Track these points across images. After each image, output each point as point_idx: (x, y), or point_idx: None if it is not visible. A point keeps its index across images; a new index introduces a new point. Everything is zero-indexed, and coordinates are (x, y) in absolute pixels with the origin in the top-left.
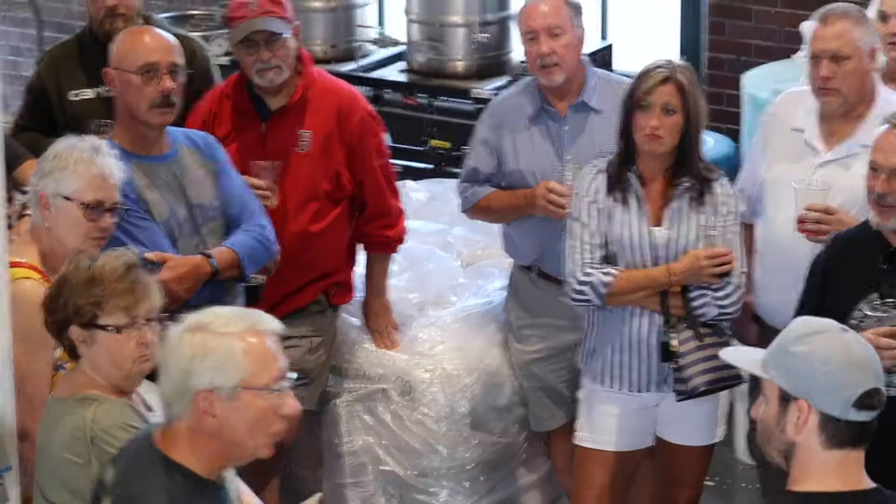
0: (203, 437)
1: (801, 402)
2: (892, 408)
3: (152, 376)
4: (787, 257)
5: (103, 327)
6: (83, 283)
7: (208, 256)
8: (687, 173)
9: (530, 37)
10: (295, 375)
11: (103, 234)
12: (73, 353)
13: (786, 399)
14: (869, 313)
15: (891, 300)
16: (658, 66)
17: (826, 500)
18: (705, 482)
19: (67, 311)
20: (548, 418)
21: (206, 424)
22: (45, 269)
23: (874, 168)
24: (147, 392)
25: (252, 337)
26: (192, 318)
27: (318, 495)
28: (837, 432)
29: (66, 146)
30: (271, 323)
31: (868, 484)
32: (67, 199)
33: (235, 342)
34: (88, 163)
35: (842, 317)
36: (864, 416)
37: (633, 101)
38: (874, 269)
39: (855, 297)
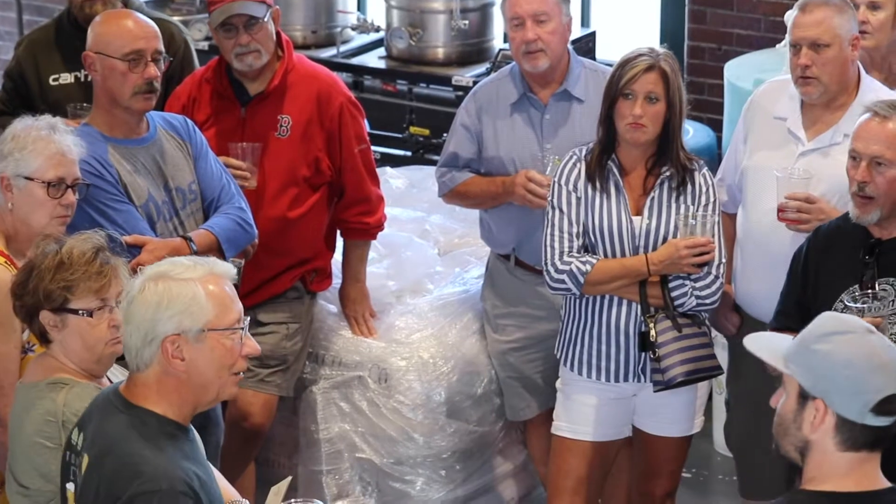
0: (171, 382)
1: (818, 401)
2: None
3: (122, 360)
4: (767, 246)
5: (74, 311)
6: (52, 267)
7: (188, 239)
8: (668, 162)
9: (516, 23)
10: (248, 318)
11: (67, 211)
12: (43, 338)
13: (804, 396)
14: (850, 305)
15: (872, 291)
16: (641, 55)
17: (838, 500)
18: (683, 473)
19: (38, 296)
20: (523, 408)
21: (175, 369)
22: (10, 253)
23: (854, 157)
24: (118, 376)
25: (212, 281)
26: (150, 268)
27: (287, 479)
28: (853, 435)
29: (23, 127)
30: (227, 268)
31: (883, 484)
32: (29, 178)
33: (198, 287)
34: (46, 141)
35: (824, 308)
36: (882, 421)
37: (617, 90)
38: (856, 261)
39: (837, 288)
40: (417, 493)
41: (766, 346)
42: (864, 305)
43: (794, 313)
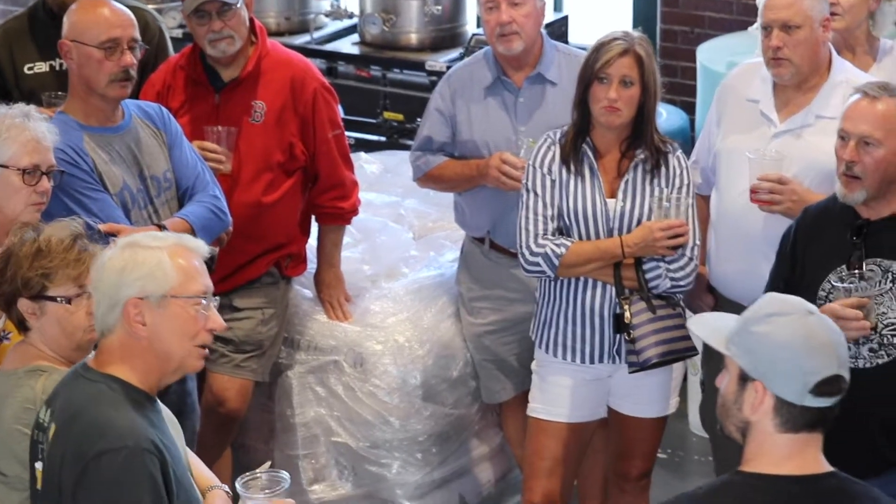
0: (134, 347)
1: (757, 383)
2: (859, 378)
3: None
4: (740, 228)
5: (53, 298)
6: (31, 255)
7: (162, 227)
8: (642, 145)
9: (490, 5)
10: (218, 298)
11: (42, 198)
12: (21, 326)
13: (744, 378)
14: (837, 285)
15: (859, 272)
16: (616, 39)
17: (775, 482)
18: (658, 454)
19: (16, 283)
20: (499, 390)
21: (137, 333)
22: None
23: (842, 137)
24: None
25: (179, 251)
26: (122, 239)
27: (266, 463)
28: (792, 417)
29: None
30: (199, 243)
31: (824, 468)
32: (4, 166)
33: (164, 255)
34: (20, 128)
35: (811, 289)
36: (821, 402)
37: (591, 73)
38: (843, 242)
39: (824, 269)
40: (394, 477)
41: (709, 328)
42: (851, 286)
43: (781, 293)
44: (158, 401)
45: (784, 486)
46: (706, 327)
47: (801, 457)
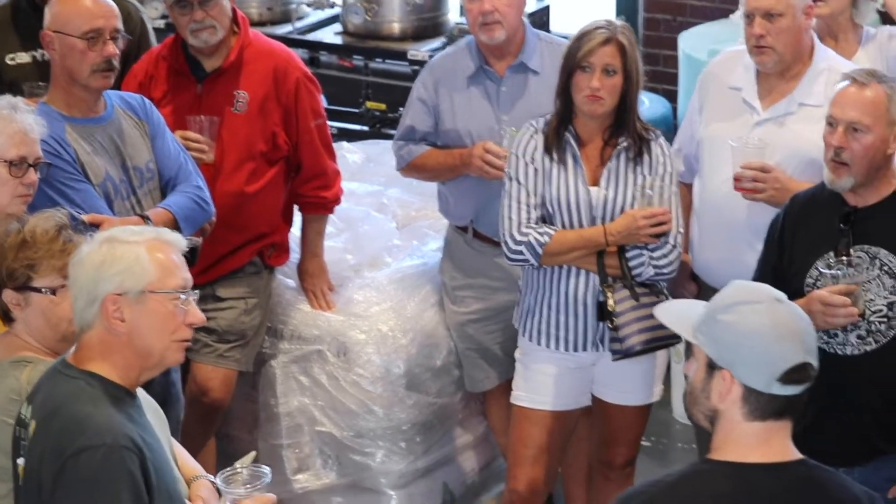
0: (114, 343)
1: (724, 371)
2: (847, 365)
3: None
4: (723, 215)
5: (37, 289)
6: (15, 246)
7: (145, 218)
8: (624, 133)
9: None
10: (198, 292)
11: (28, 190)
12: (6, 317)
13: (712, 367)
14: (825, 271)
15: (846, 259)
16: (599, 27)
17: (742, 470)
18: (642, 442)
19: (0, 274)
20: (482, 379)
21: (116, 329)
22: None
23: (830, 123)
24: None
25: (157, 245)
26: (100, 234)
27: (252, 453)
28: (760, 405)
29: None
30: (177, 237)
31: (793, 455)
32: None
33: (142, 249)
34: (8, 120)
35: (799, 276)
36: (789, 390)
37: (574, 62)
38: (831, 229)
39: (812, 256)
40: (378, 466)
41: (676, 316)
42: (839, 272)
43: (770, 280)
44: (139, 395)
45: (752, 474)
46: (672, 315)
47: (770, 445)
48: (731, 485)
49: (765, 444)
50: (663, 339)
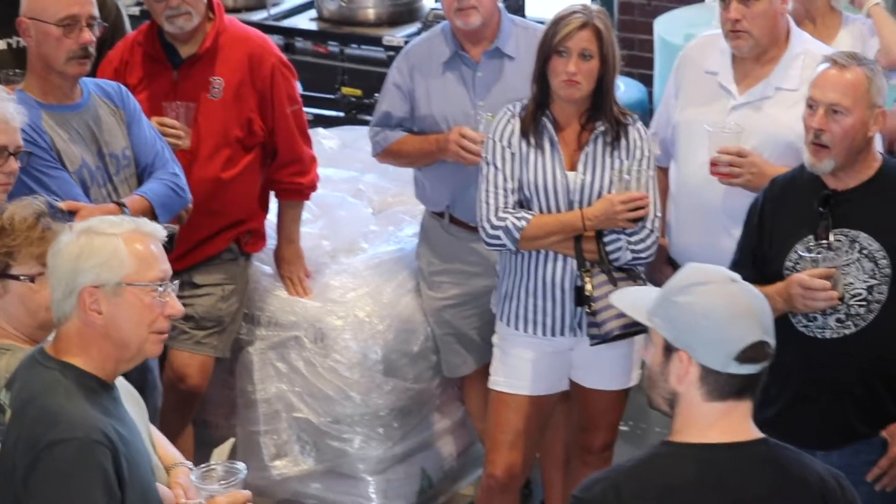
0: (91, 335)
1: (681, 353)
2: (827, 349)
3: None
4: (700, 200)
5: (16, 277)
6: None
7: (121, 205)
8: (602, 118)
9: None
10: (178, 282)
11: (8, 179)
12: None
13: (669, 349)
14: (804, 254)
15: (826, 242)
16: (575, 12)
17: (702, 451)
18: (620, 426)
19: None
20: (459, 364)
21: (92, 321)
22: None
23: (811, 105)
24: None
25: (136, 237)
26: (78, 224)
27: (231, 440)
28: (719, 385)
29: None
30: (155, 227)
31: (754, 434)
32: None
33: (119, 241)
34: None
35: (778, 258)
36: (747, 369)
37: (551, 47)
38: (810, 212)
39: (791, 239)
40: (356, 452)
41: (631, 301)
42: (819, 255)
43: (749, 264)
44: (118, 384)
45: (712, 454)
46: (627, 301)
47: (730, 424)
48: (692, 465)
49: (725, 425)
50: (641, 323)
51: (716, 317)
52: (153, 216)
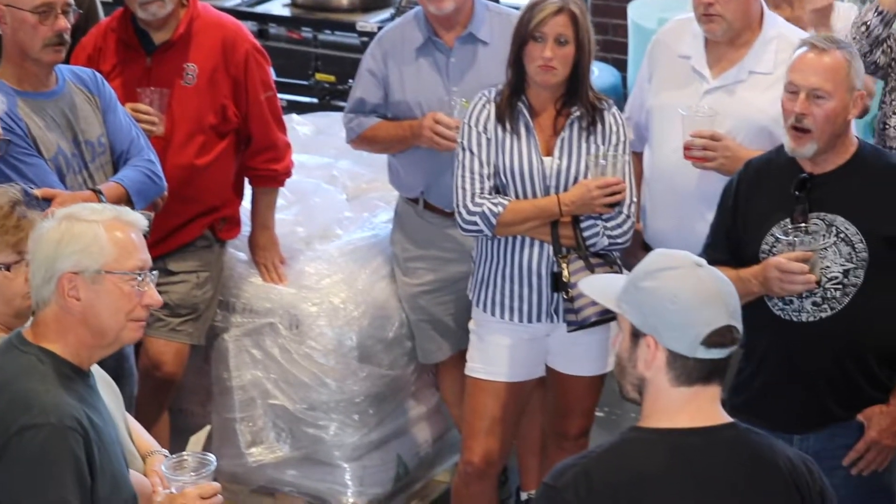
0: (69, 321)
1: (648, 338)
2: (803, 332)
3: None
4: (674, 184)
5: None
6: None
7: (97, 192)
8: (577, 103)
9: None
10: (157, 272)
11: None
12: None
13: (636, 335)
14: (781, 237)
15: (803, 226)
16: None
17: (670, 436)
18: (596, 412)
19: None
20: (435, 350)
21: (71, 308)
22: None
23: (791, 91)
24: None
25: (117, 225)
26: (61, 210)
27: (206, 428)
28: (686, 370)
29: None
30: (137, 217)
31: (722, 419)
32: None
33: (100, 229)
34: None
35: (754, 242)
36: (714, 353)
37: (526, 32)
38: (786, 195)
39: (767, 222)
40: (331, 438)
41: (600, 288)
42: (796, 239)
43: (723, 246)
44: (94, 372)
45: (680, 439)
46: (596, 287)
47: (698, 409)
48: (662, 451)
49: (693, 410)
50: None
51: (683, 301)
52: (129, 203)
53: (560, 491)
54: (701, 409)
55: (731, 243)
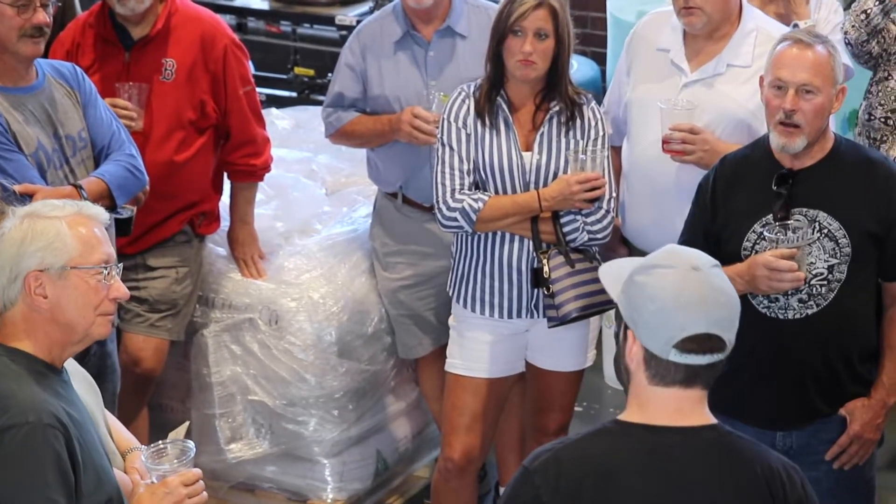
0: (37, 319)
1: (630, 331)
2: (789, 329)
3: None
4: (652, 178)
5: None
6: None
7: (78, 187)
8: (556, 97)
9: None
10: (122, 266)
11: None
12: None
13: (626, 326)
14: (766, 234)
15: (786, 223)
16: None
17: (647, 432)
18: (574, 407)
19: None
20: (415, 346)
21: (38, 305)
22: None
23: (778, 87)
24: None
25: (79, 220)
26: (21, 209)
27: (186, 423)
28: (661, 370)
29: None
30: (99, 211)
31: (704, 420)
32: None
33: (62, 225)
34: None
35: (735, 238)
36: (690, 359)
37: (506, 27)
38: (766, 191)
39: (748, 219)
40: (311, 434)
41: (614, 275)
42: (780, 236)
43: (700, 243)
44: (70, 368)
45: (658, 437)
46: (612, 273)
47: (677, 410)
48: (637, 447)
49: (672, 410)
50: (599, 304)
51: (660, 302)
52: (110, 198)
53: (531, 473)
54: (681, 410)
55: (708, 241)
